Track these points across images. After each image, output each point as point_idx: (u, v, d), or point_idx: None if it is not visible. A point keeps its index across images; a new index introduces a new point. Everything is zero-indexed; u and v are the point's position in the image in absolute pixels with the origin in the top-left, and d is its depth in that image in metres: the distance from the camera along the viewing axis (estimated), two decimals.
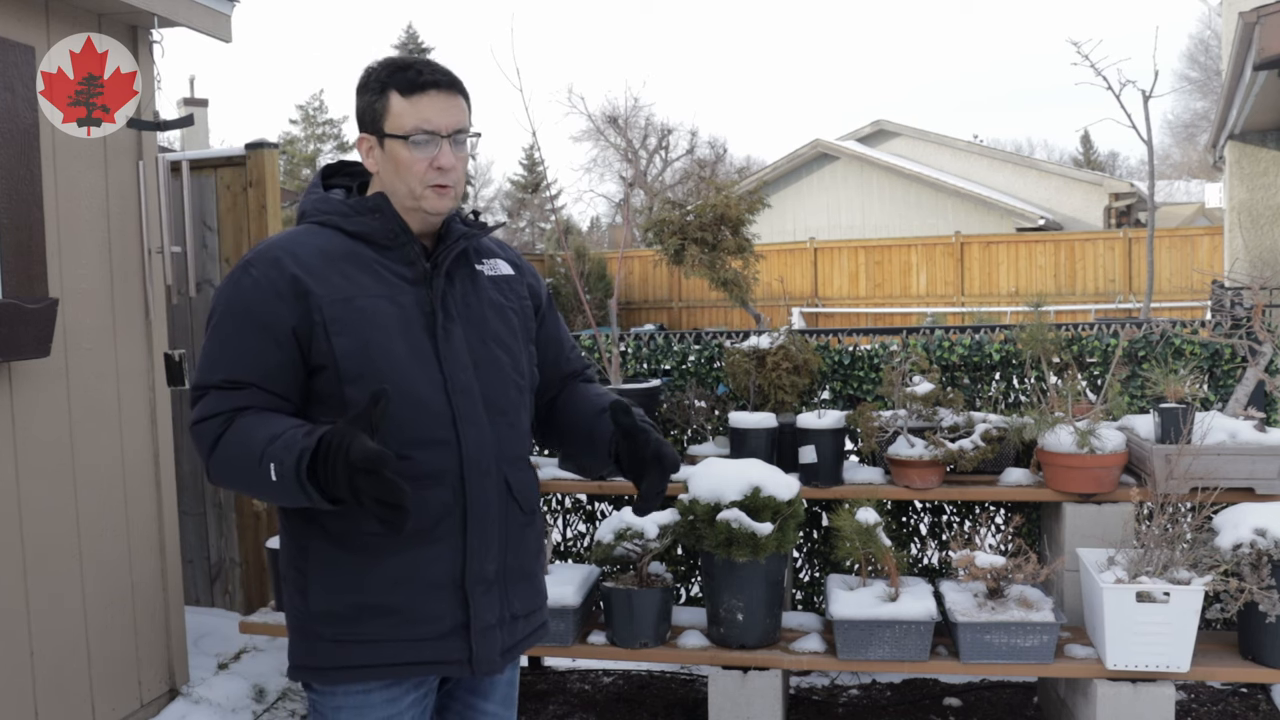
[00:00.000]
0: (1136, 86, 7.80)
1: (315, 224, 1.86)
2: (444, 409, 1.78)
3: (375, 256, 1.81)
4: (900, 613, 3.23)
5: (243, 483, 1.71)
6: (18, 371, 3.03)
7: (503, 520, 1.85)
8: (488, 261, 1.96)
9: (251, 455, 1.64)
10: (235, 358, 1.74)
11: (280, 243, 1.82)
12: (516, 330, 1.94)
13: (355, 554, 1.77)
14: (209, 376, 1.75)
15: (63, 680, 3.19)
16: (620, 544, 3.38)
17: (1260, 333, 3.61)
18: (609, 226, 35.29)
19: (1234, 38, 6.13)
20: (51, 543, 3.17)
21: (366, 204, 1.83)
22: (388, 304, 1.78)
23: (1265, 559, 3.09)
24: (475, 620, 1.82)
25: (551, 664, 4.32)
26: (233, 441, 1.69)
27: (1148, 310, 7.34)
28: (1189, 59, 30.72)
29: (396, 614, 1.78)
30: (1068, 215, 21.41)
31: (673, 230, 4.04)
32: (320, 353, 1.74)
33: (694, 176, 4.32)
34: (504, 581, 1.86)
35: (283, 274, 1.75)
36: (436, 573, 1.79)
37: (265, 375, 1.75)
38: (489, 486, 1.82)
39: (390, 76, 1.80)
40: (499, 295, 1.93)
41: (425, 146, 1.79)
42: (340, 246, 1.81)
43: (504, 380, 1.87)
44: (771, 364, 3.75)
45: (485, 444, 1.81)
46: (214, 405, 1.73)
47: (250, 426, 1.69)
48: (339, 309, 1.75)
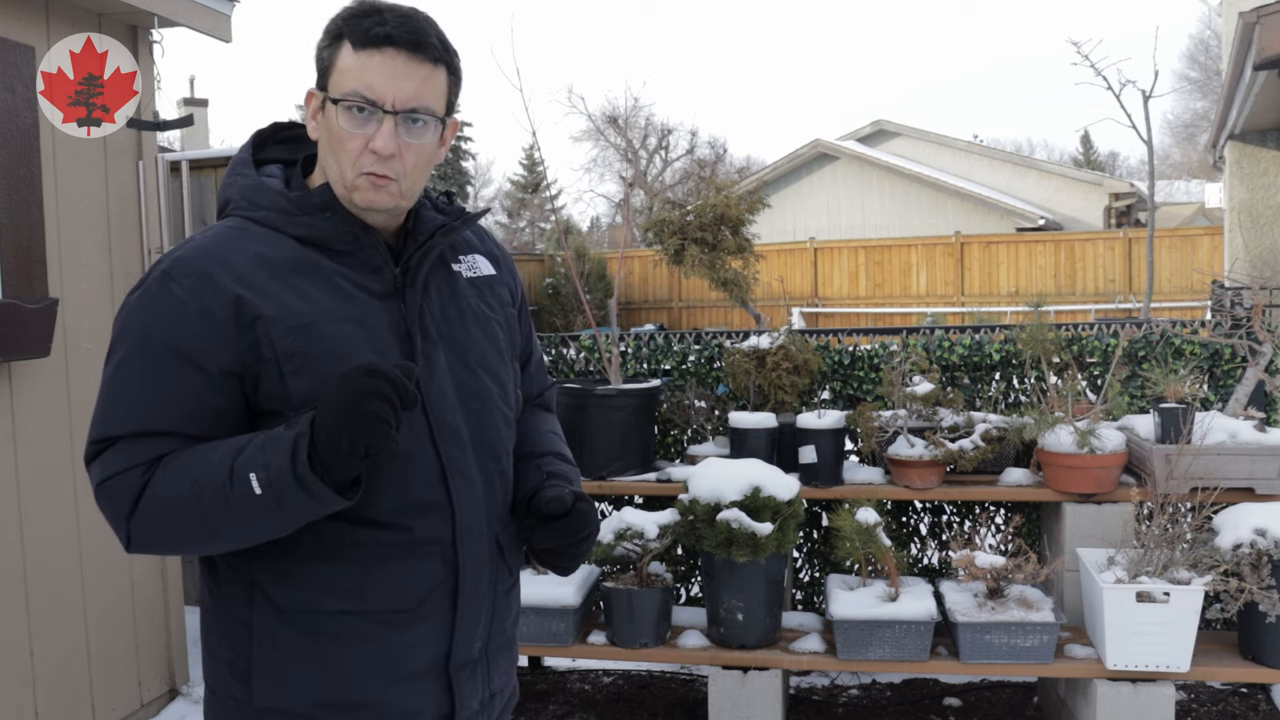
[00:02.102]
0: (1136, 86, 7.81)
1: (247, 220, 1.44)
2: (432, 463, 1.43)
3: (332, 265, 1.42)
4: (900, 613, 3.23)
5: (193, 527, 1.32)
6: (18, 371, 3.03)
7: (492, 589, 1.52)
8: (465, 259, 1.57)
9: (208, 482, 1.30)
10: (151, 401, 1.35)
11: (207, 248, 1.39)
12: (503, 347, 1.58)
13: (314, 637, 1.40)
14: (114, 426, 1.35)
15: (63, 680, 3.19)
16: (620, 544, 3.38)
17: (1260, 333, 3.61)
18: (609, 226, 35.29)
19: (1234, 38, 6.13)
20: (51, 543, 3.17)
21: (313, 200, 1.42)
22: (353, 328, 1.40)
23: (1265, 559, 3.09)
24: (460, 710, 1.50)
25: (551, 664, 4.32)
26: (169, 481, 1.32)
27: (1148, 310, 7.34)
28: (1189, 59, 30.75)
29: (365, 710, 1.43)
30: (1068, 215, 21.42)
31: (673, 230, 4.04)
32: (271, 396, 1.37)
33: (694, 176, 4.33)
34: (487, 658, 1.54)
35: (219, 295, 1.35)
36: (417, 659, 1.44)
37: (190, 422, 1.35)
38: (482, 552, 1.48)
39: (346, 21, 1.40)
40: (481, 303, 1.56)
41: (362, 120, 1.38)
42: (285, 253, 1.41)
43: (494, 417, 1.52)
44: (771, 364, 3.75)
45: (478, 501, 1.48)
46: (125, 458, 1.34)
47: (188, 459, 1.33)
48: (294, 339, 1.36)
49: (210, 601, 1.48)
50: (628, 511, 3.43)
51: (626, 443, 3.69)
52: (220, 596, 1.46)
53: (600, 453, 3.69)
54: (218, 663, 1.47)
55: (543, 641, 3.44)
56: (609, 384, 3.78)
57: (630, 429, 3.70)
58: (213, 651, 1.48)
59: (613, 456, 3.69)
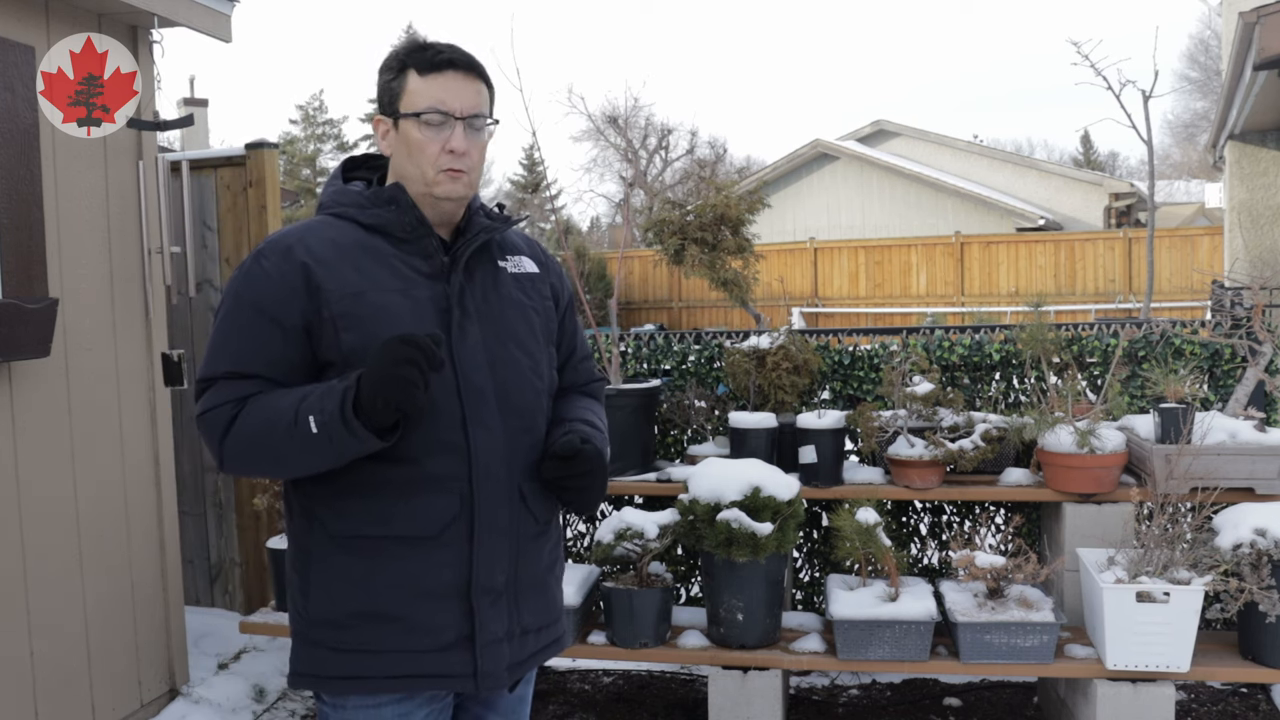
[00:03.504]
0: (1136, 86, 7.82)
1: (331, 216, 1.81)
2: (455, 411, 1.72)
3: (391, 250, 1.76)
4: (900, 613, 3.23)
5: (268, 454, 1.68)
6: (18, 371, 3.03)
7: (514, 531, 1.78)
8: (512, 258, 1.89)
9: (279, 420, 1.63)
10: (241, 349, 1.71)
11: (293, 233, 1.77)
12: (537, 331, 1.87)
13: (356, 558, 1.72)
14: (215, 368, 1.72)
15: (63, 680, 3.19)
16: (620, 544, 3.38)
17: (1260, 333, 3.61)
18: (609, 226, 35.29)
19: (1234, 38, 6.13)
20: (51, 543, 3.16)
21: (383, 195, 1.78)
22: (400, 299, 1.72)
23: (1265, 559, 3.09)
24: (481, 633, 1.74)
25: (551, 664, 4.32)
26: (252, 416, 1.66)
27: (1148, 310, 7.35)
28: (1189, 59, 30.74)
29: (396, 622, 1.71)
30: (1068, 215, 21.42)
31: (673, 230, 4.04)
32: (328, 348, 1.70)
33: (694, 176, 4.32)
34: (514, 593, 1.79)
35: (293, 265, 1.71)
36: (440, 581, 1.72)
37: (272, 367, 1.71)
38: (499, 494, 1.75)
39: (409, 55, 1.76)
40: (520, 294, 1.86)
41: (438, 128, 1.74)
42: (354, 238, 1.76)
43: (522, 382, 1.80)
44: (771, 364, 3.75)
45: (496, 449, 1.74)
46: (222, 394, 1.70)
47: (267, 400, 1.67)
48: (349, 304, 1.70)
49: (290, 533, 1.83)
50: (628, 511, 3.43)
51: (626, 443, 3.69)
52: (294, 530, 1.81)
53: None
54: (291, 585, 1.81)
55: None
56: (609, 384, 3.78)
57: (630, 429, 3.70)
58: (288, 576, 1.82)
59: (613, 456, 3.65)
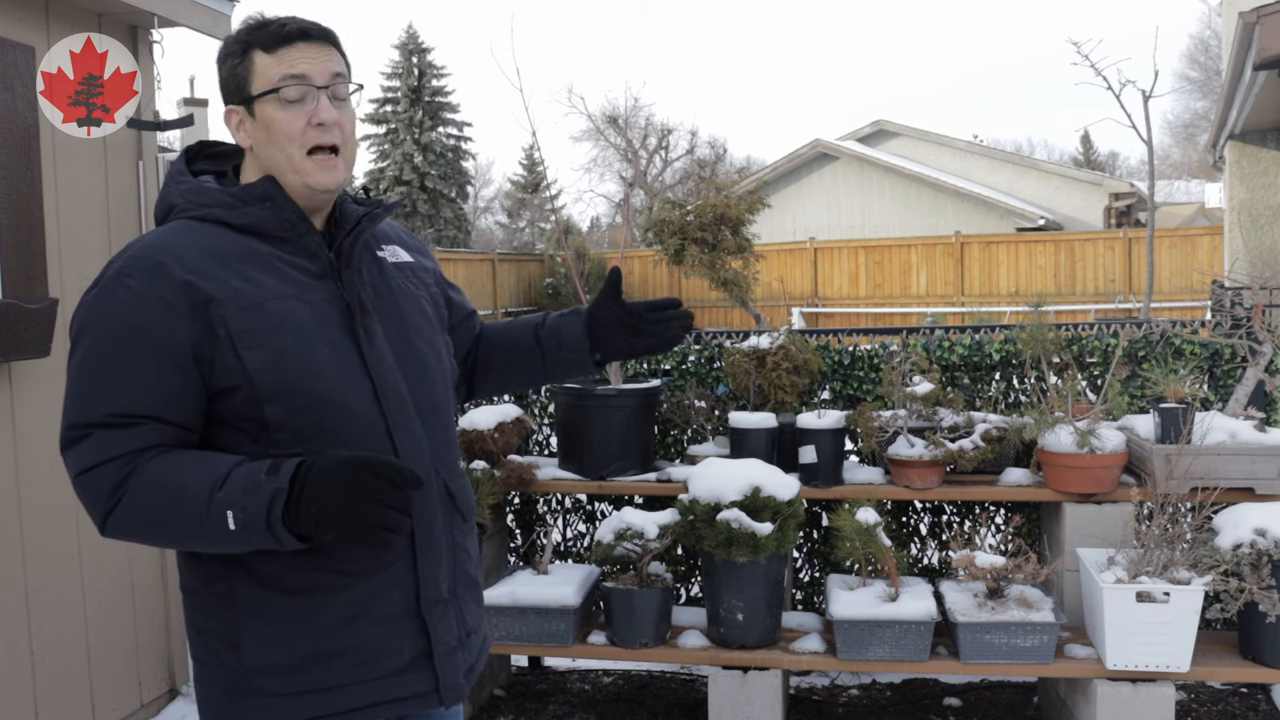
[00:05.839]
0: (1136, 86, 7.81)
1: (192, 220, 1.57)
2: (377, 418, 1.57)
3: (271, 251, 1.57)
4: (900, 613, 3.23)
5: (164, 536, 1.50)
6: (18, 371, 3.04)
7: (449, 532, 1.68)
8: (387, 248, 1.75)
9: (186, 506, 1.43)
10: (124, 386, 1.46)
11: (157, 245, 1.52)
12: (433, 320, 1.76)
13: (291, 596, 1.54)
14: (90, 412, 1.46)
15: (63, 680, 3.19)
16: (620, 544, 3.38)
17: (1260, 333, 3.61)
18: (609, 226, 35.30)
19: (1234, 38, 6.13)
20: (51, 543, 3.17)
21: (254, 191, 1.57)
22: (298, 305, 1.54)
23: (1265, 559, 3.09)
24: (438, 645, 1.63)
25: (551, 664, 4.32)
26: (149, 491, 1.45)
27: (1148, 310, 7.35)
28: (1189, 59, 30.76)
29: (350, 654, 1.56)
30: (1068, 215, 21.43)
31: (673, 230, 4.03)
32: (228, 372, 1.49)
33: (694, 176, 4.32)
34: (456, 596, 1.69)
35: (170, 283, 1.48)
36: (388, 602, 1.58)
37: (168, 406, 1.48)
38: (432, 499, 1.63)
39: (251, 34, 1.58)
40: (408, 284, 1.73)
41: (300, 103, 1.56)
42: (230, 244, 1.55)
43: (431, 378, 1.69)
44: (771, 364, 3.75)
45: (423, 452, 1.62)
46: (105, 448, 1.45)
47: (168, 472, 1.45)
48: (246, 319, 1.50)
49: (192, 580, 1.60)
50: (628, 511, 3.43)
51: (626, 443, 3.69)
52: (202, 574, 1.58)
53: (600, 453, 3.69)
54: (207, 636, 1.59)
55: (543, 641, 3.44)
56: (609, 384, 3.78)
57: (630, 429, 3.70)
58: (199, 627, 1.60)
59: (613, 456, 3.69)
